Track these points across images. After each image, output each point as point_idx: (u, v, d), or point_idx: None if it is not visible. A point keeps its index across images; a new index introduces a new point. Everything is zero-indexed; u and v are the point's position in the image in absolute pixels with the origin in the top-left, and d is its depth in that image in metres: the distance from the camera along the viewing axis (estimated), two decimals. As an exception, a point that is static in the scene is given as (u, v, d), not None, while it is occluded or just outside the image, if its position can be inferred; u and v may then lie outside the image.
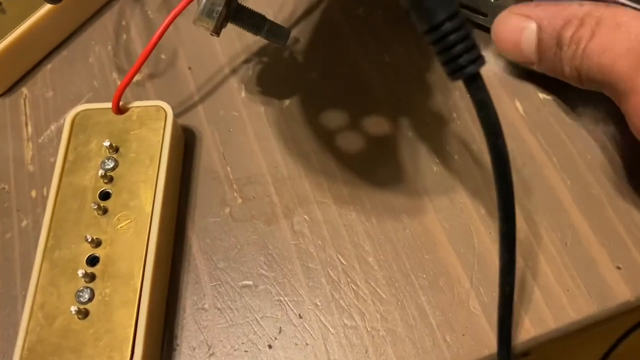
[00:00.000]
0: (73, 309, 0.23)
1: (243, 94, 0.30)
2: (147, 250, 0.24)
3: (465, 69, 0.18)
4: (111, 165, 0.26)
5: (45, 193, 0.28)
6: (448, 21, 0.17)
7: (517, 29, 0.27)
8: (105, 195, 0.25)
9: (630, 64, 0.23)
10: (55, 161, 0.27)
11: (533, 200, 0.26)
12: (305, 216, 0.27)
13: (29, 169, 0.29)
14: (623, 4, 0.26)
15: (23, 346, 0.23)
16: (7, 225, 0.28)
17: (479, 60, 0.18)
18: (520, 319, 0.24)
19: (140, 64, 0.26)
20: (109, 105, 0.27)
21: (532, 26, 0.26)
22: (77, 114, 0.27)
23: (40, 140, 0.29)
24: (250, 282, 0.25)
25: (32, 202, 0.28)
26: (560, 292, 0.24)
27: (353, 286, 0.25)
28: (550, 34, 0.26)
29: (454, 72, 0.18)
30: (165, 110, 0.27)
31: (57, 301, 0.23)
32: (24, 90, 0.31)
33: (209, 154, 0.28)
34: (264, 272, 0.26)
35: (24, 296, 0.25)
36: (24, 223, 0.28)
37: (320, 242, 0.26)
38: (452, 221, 0.26)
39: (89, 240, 0.24)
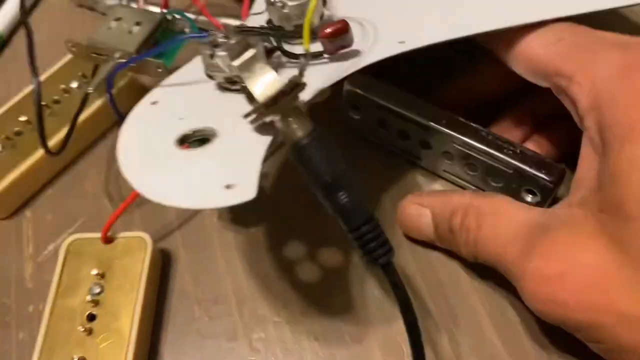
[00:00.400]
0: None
1: (215, 219, 0.35)
2: (125, 370, 0.28)
3: (380, 259, 0.24)
4: (98, 291, 0.30)
5: (41, 308, 0.32)
6: (364, 225, 0.24)
7: (415, 215, 0.32)
8: (91, 317, 0.30)
9: (518, 250, 0.26)
10: (51, 280, 0.32)
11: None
12: (262, 334, 0.31)
13: (28, 285, 0.33)
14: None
15: None
16: (6, 339, 0.32)
17: (390, 252, 0.24)
18: None
19: (123, 208, 0.31)
20: (99, 235, 0.32)
21: (427, 213, 0.31)
22: (71, 243, 0.32)
23: (39, 260, 0.34)
24: (212, 395, 0.30)
25: (29, 316, 0.32)
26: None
27: (299, 400, 0.29)
28: (442, 221, 0.31)
29: (372, 261, 0.24)
30: (146, 242, 0.32)
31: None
32: (27, 212, 0.36)
33: (182, 276, 0.33)
34: (224, 386, 0.30)
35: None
36: (20, 336, 0.32)
37: (273, 359, 0.30)
38: (388, 346, 0.30)
39: (75, 359, 0.28)
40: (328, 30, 0.28)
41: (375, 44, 0.30)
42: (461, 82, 0.36)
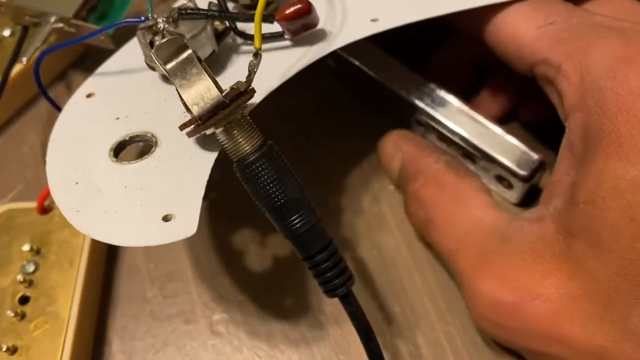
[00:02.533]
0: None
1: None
2: (61, 356, 0.24)
3: (337, 290, 0.21)
4: (32, 269, 0.26)
5: (-30, 289, 0.28)
6: (319, 253, 0.21)
7: (389, 154, 0.28)
8: (24, 300, 0.26)
9: (471, 256, 0.24)
10: None
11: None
12: (224, 314, 0.27)
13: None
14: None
15: None
16: None
17: (349, 281, 0.22)
18: None
19: None
20: (34, 204, 0.28)
21: (399, 157, 0.28)
22: (1, 214, 0.28)
23: (-31, 234, 0.30)
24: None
25: (-43, 298, 0.28)
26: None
27: (266, 388, 0.26)
28: (403, 177, 0.27)
29: (329, 292, 0.22)
30: (88, 211, 0.28)
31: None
32: (-45, 179, 0.32)
33: (132, 251, 0.29)
34: (180, 376, 0.26)
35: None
36: (-52, 321, 0.28)
37: (237, 342, 0.27)
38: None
39: (4, 349, 0.24)
40: (287, 12, 0.23)
41: (344, 24, 0.25)
42: (457, 46, 0.32)
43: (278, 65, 0.24)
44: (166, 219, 0.20)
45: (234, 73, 0.24)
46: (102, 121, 0.24)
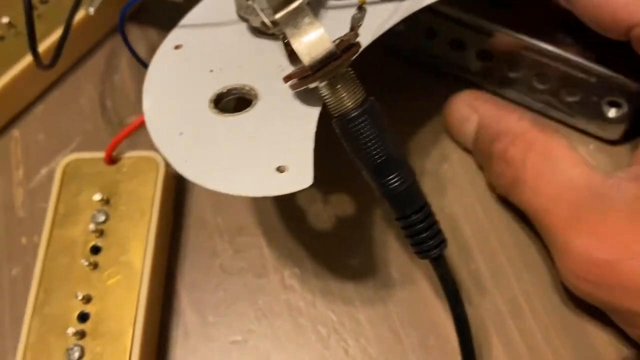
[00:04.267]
0: (63, 367, 0.23)
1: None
2: (137, 307, 0.24)
3: (431, 252, 0.21)
4: (102, 219, 0.26)
5: (35, 240, 0.28)
6: (415, 214, 0.21)
7: (461, 117, 0.27)
8: (95, 250, 0.25)
9: (564, 215, 0.23)
10: (46, 207, 0.28)
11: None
12: (296, 269, 0.27)
13: (19, 214, 0.29)
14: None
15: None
16: (-3, 274, 0.28)
17: (442, 244, 0.21)
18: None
19: (136, 126, 0.26)
20: (101, 155, 0.27)
21: (474, 120, 0.27)
22: (68, 164, 0.27)
23: (31, 185, 0.29)
24: (240, 337, 0.25)
25: (22, 249, 0.28)
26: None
27: (343, 344, 0.25)
28: (484, 139, 0.26)
29: (422, 253, 0.21)
30: (157, 162, 0.27)
31: (48, 359, 0.23)
32: (15, 132, 0.31)
33: (200, 204, 0.28)
34: (253, 327, 0.26)
35: (14, 348, 0.25)
36: (13, 271, 0.27)
37: (310, 296, 0.26)
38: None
39: (80, 297, 0.24)
40: None
41: None
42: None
43: (370, 22, 0.23)
44: (280, 170, 0.20)
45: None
46: (196, 73, 0.23)
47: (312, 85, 0.20)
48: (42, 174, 0.30)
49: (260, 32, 0.24)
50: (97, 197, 0.26)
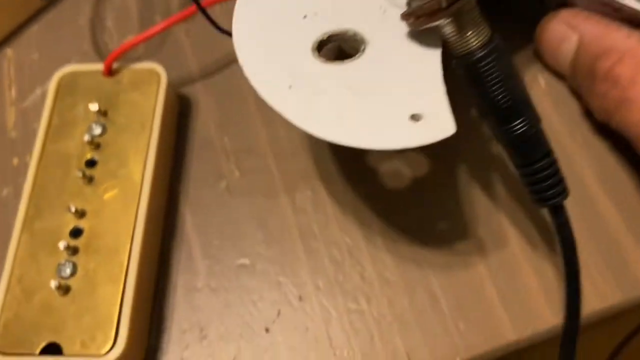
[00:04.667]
0: (53, 283, 0.21)
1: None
2: (135, 223, 0.22)
3: (551, 201, 0.20)
4: (99, 131, 0.24)
5: (27, 160, 0.26)
6: (540, 161, 0.19)
7: (558, 37, 0.25)
8: (91, 163, 0.23)
9: None
10: (38, 128, 0.26)
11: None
12: (309, 192, 0.25)
13: (11, 135, 0.27)
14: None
15: (-2, 323, 0.21)
16: (-14, 194, 0.26)
17: (564, 193, 0.20)
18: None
19: (145, 37, 0.24)
20: (100, 66, 0.25)
21: (574, 39, 0.24)
22: (64, 75, 0.25)
23: (24, 105, 0.27)
24: (247, 261, 0.23)
25: (14, 170, 0.26)
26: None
27: (358, 268, 0.23)
28: (586, 57, 0.24)
29: (540, 202, 0.20)
30: (159, 74, 0.25)
31: (37, 275, 0.21)
32: (8, 51, 0.29)
33: (205, 124, 0.26)
34: (262, 250, 0.24)
35: (1, 267, 0.23)
36: (4, 192, 0.25)
37: (324, 219, 0.24)
38: (473, 201, 0.24)
39: (73, 210, 0.22)
40: None
41: None
42: None
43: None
44: (415, 118, 0.18)
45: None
46: (289, 20, 0.21)
47: (436, 23, 0.19)
48: (36, 94, 0.28)
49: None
50: (93, 107, 0.24)
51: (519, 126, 0.19)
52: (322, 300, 0.23)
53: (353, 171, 0.25)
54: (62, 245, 0.22)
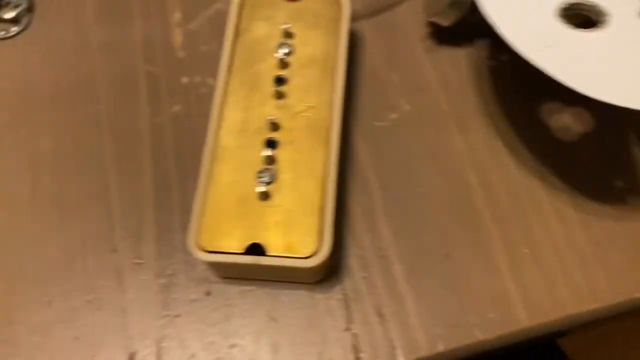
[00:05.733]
0: (254, 189, 0.21)
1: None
2: (329, 141, 0.22)
3: None
4: (286, 51, 0.24)
5: (197, 81, 0.26)
6: None
7: None
8: (280, 80, 0.24)
9: None
10: (206, 50, 0.26)
11: None
12: (480, 130, 0.25)
13: (178, 55, 0.27)
14: None
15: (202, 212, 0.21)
16: (157, 109, 0.26)
17: None
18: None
19: None
20: (281, -7, 0.26)
21: None
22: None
23: (189, 28, 0.28)
24: (422, 190, 0.24)
25: (183, 88, 0.26)
26: None
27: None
28: None
29: None
30: (341, 3, 0.25)
31: (238, 181, 0.22)
32: (171, -24, 0.29)
33: (372, 59, 0.27)
34: (439, 182, 0.24)
35: (182, 179, 0.24)
36: (175, 108, 0.26)
37: (498, 161, 0.25)
38: None
39: (269, 123, 0.23)
40: None
41: None
42: None
43: None
44: None
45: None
46: None
47: None
48: (201, 18, 0.28)
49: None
50: (282, 28, 0.24)
51: None
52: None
53: (522, 116, 0.26)
54: (260, 154, 0.22)
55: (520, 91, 0.26)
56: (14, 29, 0.28)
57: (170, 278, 0.23)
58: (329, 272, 0.23)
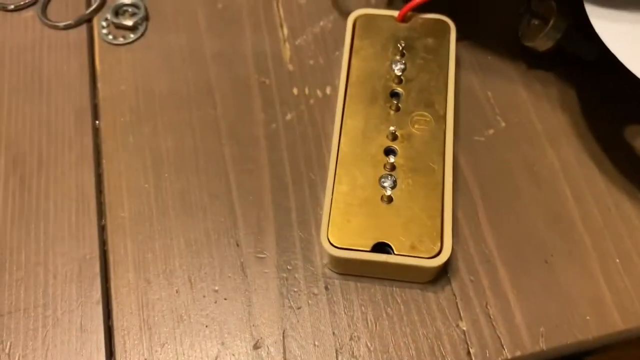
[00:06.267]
0: (378, 193, 0.23)
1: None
2: (444, 148, 0.25)
3: None
4: (400, 67, 0.26)
5: (307, 92, 0.28)
6: None
7: None
8: (395, 94, 0.26)
9: None
10: (313, 64, 0.28)
11: None
12: (571, 147, 0.27)
13: (288, 67, 0.29)
14: None
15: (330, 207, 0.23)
16: (271, 117, 0.28)
17: None
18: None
19: None
20: (392, 12, 0.28)
21: None
22: (358, 17, 0.28)
23: (297, 43, 0.30)
24: (521, 201, 0.26)
25: (294, 98, 0.28)
26: None
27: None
28: None
29: None
30: (448, 24, 0.27)
31: (362, 185, 0.24)
32: (277, -5, 0.32)
33: (468, 77, 0.29)
34: (534, 193, 0.26)
35: (296, 181, 0.25)
36: (288, 116, 0.28)
37: (589, 173, 0.27)
38: None
39: (387, 133, 0.25)
40: None
41: None
42: None
43: None
44: None
45: None
46: None
47: None
48: (307, 35, 0.30)
49: None
50: (397, 47, 0.26)
51: None
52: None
53: (609, 136, 0.28)
54: (381, 161, 0.24)
55: (607, 113, 0.28)
56: (132, 36, 0.30)
57: (291, 272, 0.25)
58: (440, 273, 0.25)
